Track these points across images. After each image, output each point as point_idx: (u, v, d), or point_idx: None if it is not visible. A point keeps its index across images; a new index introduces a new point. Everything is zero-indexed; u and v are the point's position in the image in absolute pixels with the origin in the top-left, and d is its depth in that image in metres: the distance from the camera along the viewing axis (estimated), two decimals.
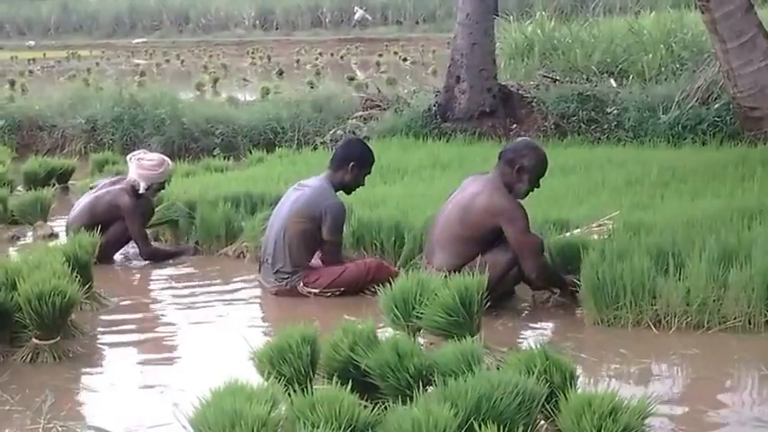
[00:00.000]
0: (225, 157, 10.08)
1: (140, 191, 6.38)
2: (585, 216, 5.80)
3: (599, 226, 5.56)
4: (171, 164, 6.70)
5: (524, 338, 4.71)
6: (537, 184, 5.11)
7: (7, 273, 4.53)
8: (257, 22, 43.19)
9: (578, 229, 5.58)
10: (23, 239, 7.16)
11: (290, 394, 3.07)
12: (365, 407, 3.05)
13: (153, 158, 6.51)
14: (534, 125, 10.18)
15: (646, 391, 3.79)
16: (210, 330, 5.01)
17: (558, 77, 11.43)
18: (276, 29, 42.37)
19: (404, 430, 2.86)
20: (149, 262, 6.44)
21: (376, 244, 5.91)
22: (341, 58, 30.39)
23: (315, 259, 5.65)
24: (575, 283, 4.93)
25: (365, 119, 10.90)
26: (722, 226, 5.15)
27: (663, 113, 9.64)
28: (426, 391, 3.26)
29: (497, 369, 3.45)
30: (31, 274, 4.42)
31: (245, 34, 41.12)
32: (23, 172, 8.90)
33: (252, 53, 32.80)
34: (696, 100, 9.67)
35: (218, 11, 43.54)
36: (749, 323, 4.58)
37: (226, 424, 2.83)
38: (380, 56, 28.44)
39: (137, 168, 6.40)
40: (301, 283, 5.50)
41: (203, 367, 4.36)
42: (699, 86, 9.78)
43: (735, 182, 6.78)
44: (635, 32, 12.60)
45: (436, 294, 4.04)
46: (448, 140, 9.75)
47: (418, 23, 40.29)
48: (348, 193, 5.74)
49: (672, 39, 12.21)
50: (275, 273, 5.53)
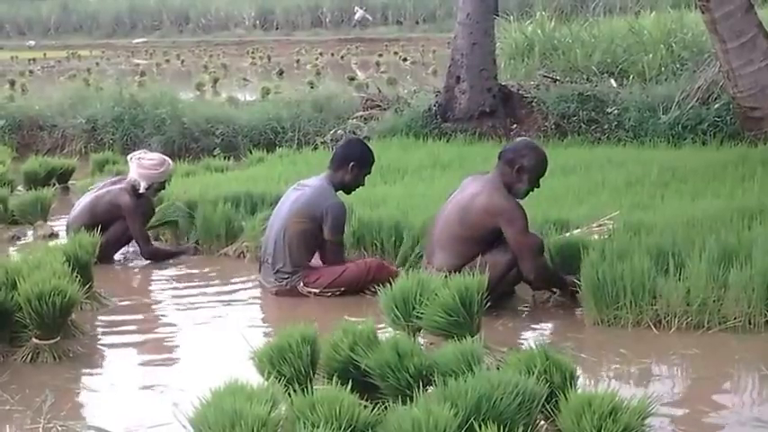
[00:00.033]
0: (225, 157, 10.07)
1: (141, 190, 6.38)
2: (586, 216, 5.80)
3: (599, 226, 5.56)
4: (171, 164, 6.70)
5: (524, 338, 4.71)
6: (537, 184, 5.11)
7: (7, 272, 4.53)
8: (257, 22, 43.20)
9: (578, 229, 5.58)
10: (23, 239, 7.16)
11: (290, 394, 3.07)
12: (365, 407, 3.05)
13: (153, 158, 6.52)
14: (534, 125, 10.18)
15: (646, 392, 3.79)
16: (210, 330, 5.01)
17: (559, 77, 11.42)
18: (276, 29, 42.39)
19: (404, 430, 2.86)
20: (150, 261, 6.45)
21: (376, 244, 5.91)
22: (341, 58, 30.39)
23: (315, 259, 5.65)
24: (575, 283, 4.93)
25: (365, 119, 10.90)
26: (722, 226, 5.15)
27: (663, 113, 9.63)
28: (426, 391, 3.25)
29: (497, 369, 3.45)
30: (32, 273, 4.42)
31: (245, 34, 41.13)
32: (24, 172, 8.90)
33: (252, 53, 32.81)
34: (696, 100, 9.66)
35: (218, 11, 43.55)
36: (749, 323, 4.57)
37: (226, 424, 2.83)
38: (381, 56, 28.45)
39: (137, 168, 6.40)
40: (301, 283, 5.50)
41: (203, 367, 4.36)
42: (699, 86, 9.78)
43: (735, 182, 6.78)
44: (635, 32, 12.60)
45: (436, 294, 4.04)
46: (448, 140, 9.75)
47: (418, 23, 40.30)
48: (348, 193, 5.74)
49: (672, 39, 12.20)
50: (275, 273, 5.53)
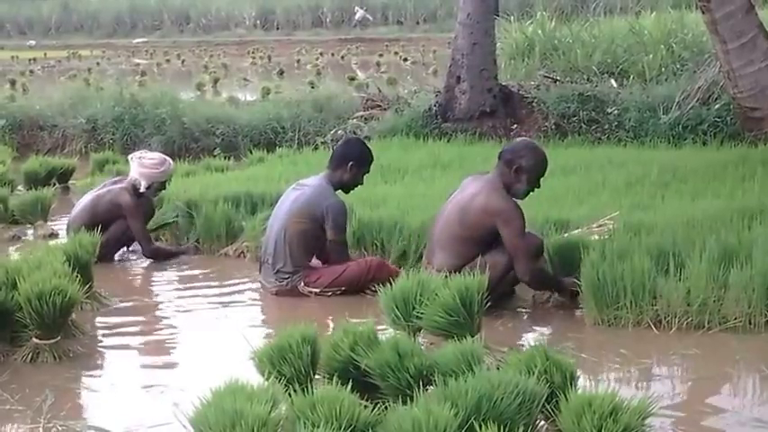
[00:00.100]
0: (225, 157, 10.08)
1: (141, 190, 6.39)
2: (586, 216, 5.80)
3: (599, 226, 5.56)
4: (172, 163, 6.71)
5: (524, 338, 4.71)
6: (537, 184, 5.10)
7: (7, 272, 4.54)
8: (258, 21, 43.21)
9: (578, 229, 5.58)
10: (24, 239, 7.16)
11: (290, 394, 3.07)
12: (365, 407, 3.05)
13: (154, 157, 6.53)
14: (535, 125, 10.17)
15: (646, 392, 3.80)
16: (211, 330, 5.00)
17: (559, 78, 11.41)
18: (277, 29, 42.41)
19: (404, 430, 2.86)
20: (150, 261, 6.45)
21: (376, 244, 5.91)
22: (341, 58, 30.39)
23: (315, 259, 5.65)
24: (574, 284, 4.92)
25: (366, 119, 10.90)
26: (722, 226, 5.14)
27: (663, 114, 9.63)
28: (426, 391, 3.25)
29: (497, 369, 3.45)
30: (32, 273, 4.42)
31: (245, 34, 41.14)
32: (24, 171, 8.91)
33: (252, 53, 32.82)
34: (697, 100, 9.66)
35: (218, 11, 43.57)
36: (749, 323, 4.57)
37: (226, 424, 2.83)
38: (381, 56, 28.45)
39: (138, 167, 6.41)
40: (302, 283, 5.50)
41: (203, 367, 4.35)
42: (699, 87, 9.77)
43: (735, 182, 6.77)
44: (635, 33, 12.59)
45: (436, 294, 4.04)
46: (448, 140, 9.75)
47: (419, 23, 40.31)
48: (347, 192, 5.74)
49: (672, 39, 12.20)
50: (276, 273, 5.53)
